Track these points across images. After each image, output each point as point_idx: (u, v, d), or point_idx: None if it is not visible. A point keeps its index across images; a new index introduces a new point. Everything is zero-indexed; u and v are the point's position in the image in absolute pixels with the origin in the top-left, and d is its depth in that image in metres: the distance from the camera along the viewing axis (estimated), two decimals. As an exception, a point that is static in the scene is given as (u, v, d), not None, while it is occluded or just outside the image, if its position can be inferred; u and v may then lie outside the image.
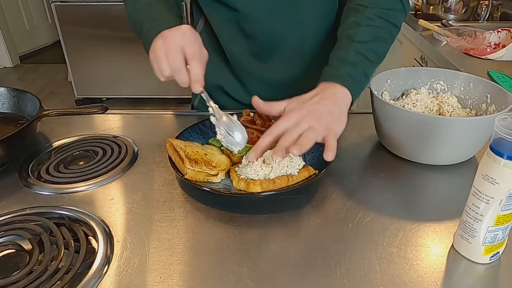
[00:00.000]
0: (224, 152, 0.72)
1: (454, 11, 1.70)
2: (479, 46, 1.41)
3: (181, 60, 0.64)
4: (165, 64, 0.64)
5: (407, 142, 0.72)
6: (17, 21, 3.92)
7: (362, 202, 0.64)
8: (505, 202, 0.48)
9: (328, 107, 0.64)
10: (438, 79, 0.83)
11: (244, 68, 0.90)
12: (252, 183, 0.61)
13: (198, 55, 0.65)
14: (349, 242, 0.56)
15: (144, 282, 0.50)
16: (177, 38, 0.65)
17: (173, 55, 0.64)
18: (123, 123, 0.88)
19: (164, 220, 0.60)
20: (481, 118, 0.70)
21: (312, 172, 0.65)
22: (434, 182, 0.70)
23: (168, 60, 0.64)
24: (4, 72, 3.82)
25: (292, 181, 0.63)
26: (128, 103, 3.11)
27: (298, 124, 0.61)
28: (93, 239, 0.57)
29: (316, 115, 0.62)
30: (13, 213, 0.61)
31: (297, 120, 0.62)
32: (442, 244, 0.56)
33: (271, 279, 0.51)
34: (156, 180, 0.69)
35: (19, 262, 0.53)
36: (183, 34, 0.66)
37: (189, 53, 0.65)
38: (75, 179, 0.69)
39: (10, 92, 0.83)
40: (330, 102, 0.65)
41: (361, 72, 0.70)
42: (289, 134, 0.60)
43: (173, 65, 0.64)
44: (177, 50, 0.64)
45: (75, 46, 2.91)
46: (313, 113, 0.62)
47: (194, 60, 0.65)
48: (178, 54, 0.64)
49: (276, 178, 0.62)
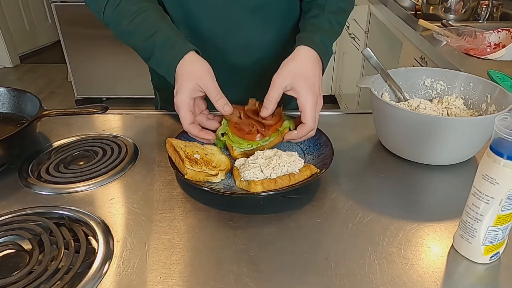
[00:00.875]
0: (227, 143, 0.72)
1: (454, 11, 1.70)
2: (479, 46, 1.41)
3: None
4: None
5: (407, 142, 0.72)
6: (17, 21, 3.92)
7: (362, 202, 0.64)
8: (505, 202, 0.48)
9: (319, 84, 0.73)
10: (438, 79, 0.83)
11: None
12: (253, 183, 0.61)
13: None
14: (349, 242, 0.56)
15: (144, 282, 0.50)
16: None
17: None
18: (123, 123, 0.88)
19: (164, 220, 0.60)
20: (481, 118, 0.70)
21: (314, 171, 0.65)
22: (434, 182, 0.70)
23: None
24: (4, 72, 3.82)
25: (294, 181, 0.63)
26: (128, 103, 3.10)
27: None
28: (93, 239, 0.57)
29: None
30: (13, 213, 0.61)
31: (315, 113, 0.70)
32: (442, 244, 0.56)
33: (271, 279, 0.51)
34: (156, 180, 0.69)
35: (19, 262, 0.53)
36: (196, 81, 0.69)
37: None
38: (75, 179, 0.69)
39: (10, 92, 0.83)
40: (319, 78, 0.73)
41: (331, 41, 0.79)
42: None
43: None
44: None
45: (75, 46, 2.91)
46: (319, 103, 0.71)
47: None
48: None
49: (277, 177, 0.62)
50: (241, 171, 0.65)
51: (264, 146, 0.71)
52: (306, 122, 0.69)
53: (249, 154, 0.70)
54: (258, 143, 0.71)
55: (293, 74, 0.69)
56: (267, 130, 0.71)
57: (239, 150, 0.71)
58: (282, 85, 0.69)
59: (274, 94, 0.69)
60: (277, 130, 0.72)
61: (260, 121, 0.71)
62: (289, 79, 0.69)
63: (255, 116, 0.72)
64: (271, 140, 0.71)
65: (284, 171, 0.64)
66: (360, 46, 2.42)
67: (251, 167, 0.64)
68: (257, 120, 0.72)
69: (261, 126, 0.71)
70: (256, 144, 0.71)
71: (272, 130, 0.71)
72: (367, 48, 0.79)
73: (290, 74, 0.69)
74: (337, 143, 0.73)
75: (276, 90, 0.69)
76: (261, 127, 0.71)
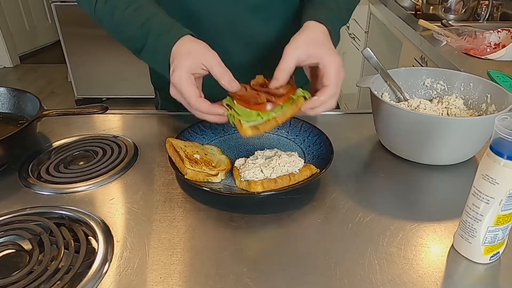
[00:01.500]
0: (233, 118, 0.63)
1: (454, 11, 1.70)
2: (479, 46, 1.41)
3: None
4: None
5: (407, 142, 0.72)
6: (17, 21, 3.92)
7: (362, 202, 0.64)
8: (505, 202, 0.48)
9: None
10: (438, 79, 0.83)
11: None
12: (253, 183, 0.61)
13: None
14: (349, 242, 0.56)
15: (144, 282, 0.50)
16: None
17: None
18: (123, 123, 0.88)
19: (164, 220, 0.60)
20: (481, 118, 0.70)
21: (314, 171, 0.65)
22: (434, 182, 0.70)
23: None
24: (4, 72, 3.82)
25: (294, 180, 0.63)
26: (128, 103, 3.10)
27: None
28: (93, 239, 0.57)
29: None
30: (13, 213, 0.61)
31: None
32: (442, 244, 0.56)
33: (271, 279, 0.51)
34: (156, 180, 0.69)
35: (19, 262, 0.53)
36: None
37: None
38: (75, 179, 0.69)
39: (10, 92, 0.83)
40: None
41: (338, 23, 0.76)
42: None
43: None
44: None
45: (75, 46, 2.91)
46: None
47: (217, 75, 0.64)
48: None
49: (277, 177, 0.62)
50: (241, 171, 0.65)
51: (277, 118, 0.62)
52: (329, 84, 0.62)
53: (260, 130, 0.62)
54: (269, 113, 0.62)
55: (308, 42, 0.64)
56: (278, 99, 0.62)
57: (248, 124, 0.61)
58: (295, 54, 0.63)
59: (287, 64, 0.63)
60: (290, 99, 0.63)
61: (269, 91, 0.63)
62: (304, 47, 0.63)
63: (263, 88, 0.64)
64: (284, 110, 0.62)
65: (284, 171, 0.63)
66: (360, 46, 2.42)
67: (251, 167, 0.64)
68: (265, 91, 0.63)
69: (270, 96, 0.62)
70: (267, 115, 0.62)
71: (284, 99, 0.62)
72: (367, 48, 0.79)
73: (304, 43, 0.64)
74: (337, 143, 0.72)
75: (288, 59, 0.63)
76: (270, 97, 0.62)
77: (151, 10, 0.70)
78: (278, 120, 0.62)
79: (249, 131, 0.61)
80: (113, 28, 0.73)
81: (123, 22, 0.71)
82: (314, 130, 0.76)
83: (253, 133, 0.61)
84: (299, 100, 0.63)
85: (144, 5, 0.71)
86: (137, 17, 0.69)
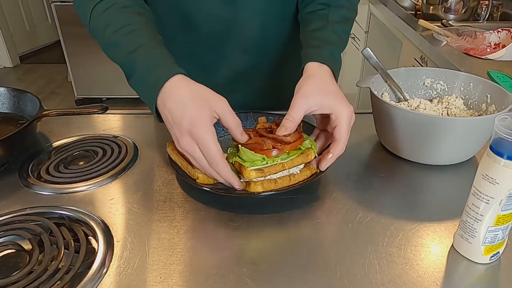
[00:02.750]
0: (235, 165, 0.62)
1: (454, 11, 1.70)
2: (479, 46, 1.41)
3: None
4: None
5: (407, 142, 0.72)
6: (17, 21, 3.92)
7: (362, 202, 0.64)
8: (505, 202, 0.48)
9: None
10: (438, 79, 0.83)
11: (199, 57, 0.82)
12: (253, 183, 0.60)
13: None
14: (349, 242, 0.56)
15: (144, 282, 0.50)
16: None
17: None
18: (123, 123, 0.88)
19: (164, 220, 0.60)
20: (481, 118, 0.70)
21: (314, 171, 0.65)
22: (434, 182, 0.70)
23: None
24: (4, 72, 3.82)
25: (294, 181, 0.62)
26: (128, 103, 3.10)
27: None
28: (93, 239, 0.57)
29: None
30: (13, 213, 0.61)
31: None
32: (442, 244, 0.56)
33: (271, 279, 0.51)
34: (156, 180, 0.69)
35: (19, 262, 0.53)
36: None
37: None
38: (75, 179, 0.69)
39: (10, 92, 0.83)
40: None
41: (339, 52, 0.73)
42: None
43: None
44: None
45: (75, 46, 2.91)
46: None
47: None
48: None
49: (278, 178, 0.62)
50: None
51: (284, 164, 0.61)
52: (341, 138, 0.61)
53: (266, 173, 0.60)
54: (274, 159, 0.61)
55: (318, 91, 0.62)
56: (284, 146, 0.61)
57: (252, 167, 0.60)
58: (306, 104, 0.61)
59: (296, 114, 0.61)
60: (298, 148, 0.63)
61: (276, 138, 0.62)
62: (314, 97, 0.61)
63: (269, 134, 0.63)
64: (292, 158, 0.62)
65: (285, 172, 0.63)
66: (360, 46, 2.42)
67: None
68: (272, 137, 0.62)
69: (276, 142, 0.61)
70: (272, 160, 0.61)
71: (292, 147, 0.62)
72: (367, 48, 0.79)
73: (313, 92, 0.62)
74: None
75: (298, 109, 0.61)
76: (276, 143, 0.61)
77: (142, 38, 0.63)
78: (285, 165, 0.62)
79: (253, 173, 0.59)
80: (104, 45, 0.67)
81: (112, 43, 0.65)
82: (314, 131, 0.76)
83: (257, 176, 0.60)
84: (309, 153, 0.63)
85: (138, 30, 0.64)
86: (127, 42, 0.63)
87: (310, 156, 0.64)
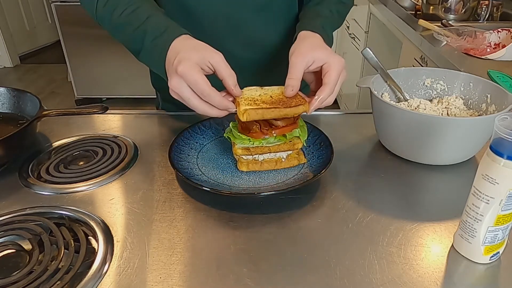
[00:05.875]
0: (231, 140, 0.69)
1: (454, 11, 1.70)
2: (479, 46, 1.41)
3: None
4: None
5: (407, 142, 0.72)
6: (17, 21, 3.92)
7: (362, 202, 0.64)
8: (505, 202, 0.48)
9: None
10: (438, 79, 0.83)
11: None
12: (239, 162, 0.64)
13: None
14: (349, 242, 0.56)
15: (144, 282, 0.50)
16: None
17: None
18: (123, 123, 0.88)
19: (164, 220, 0.60)
20: (481, 118, 0.70)
21: (302, 161, 0.69)
22: (434, 182, 0.70)
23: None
24: (4, 72, 3.82)
25: (280, 166, 0.68)
26: (128, 103, 3.11)
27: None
28: (93, 239, 0.57)
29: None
30: (13, 213, 0.61)
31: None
32: (442, 244, 0.56)
33: (271, 279, 0.51)
34: (156, 180, 0.69)
35: (19, 262, 0.53)
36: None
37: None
38: (75, 179, 0.69)
39: (10, 92, 0.83)
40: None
41: (330, 28, 0.79)
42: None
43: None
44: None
45: (75, 46, 2.91)
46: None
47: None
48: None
49: (263, 161, 0.66)
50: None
51: (270, 148, 0.67)
52: (328, 82, 0.63)
53: (252, 152, 0.67)
54: (260, 141, 0.67)
55: (311, 48, 0.66)
56: (270, 130, 0.66)
57: (240, 145, 0.67)
58: (303, 61, 0.64)
59: (297, 71, 0.64)
60: (285, 136, 0.67)
61: (269, 121, 0.66)
62: (309, 53, 0.65)
63: (269, 120, 0.67)
64: (276, 143, 0.67)
65: (271, 155, 0.68)
66: (360, 46, 2.42)
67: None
68: (267, 121, 0.66)
69: (266, 125, 0.66)
70: (259, 142, 0.67)
71: (279, 132, 0.66)
72: (367, 48, 0.79)
73: (307, 49, 0.66)
74: (337, 143, 0.73)
75: (297, 67, 0.64)
76: (265, 127, 0.66)
77: (147, 11, 0.69)
78: (271, 149, 0.68)
79: (239, 151, 0.67)
80: (113, 30, 0.73)
81: (121, 24, 0.70)
82: (314, 130, 0.76)
83: (243, 153, 0.67)
84: (296, 142, 0.68)
85: (141, 6, 0.70)
86: (133, 19, 0.68)
87: (296, 145, 0.69)
